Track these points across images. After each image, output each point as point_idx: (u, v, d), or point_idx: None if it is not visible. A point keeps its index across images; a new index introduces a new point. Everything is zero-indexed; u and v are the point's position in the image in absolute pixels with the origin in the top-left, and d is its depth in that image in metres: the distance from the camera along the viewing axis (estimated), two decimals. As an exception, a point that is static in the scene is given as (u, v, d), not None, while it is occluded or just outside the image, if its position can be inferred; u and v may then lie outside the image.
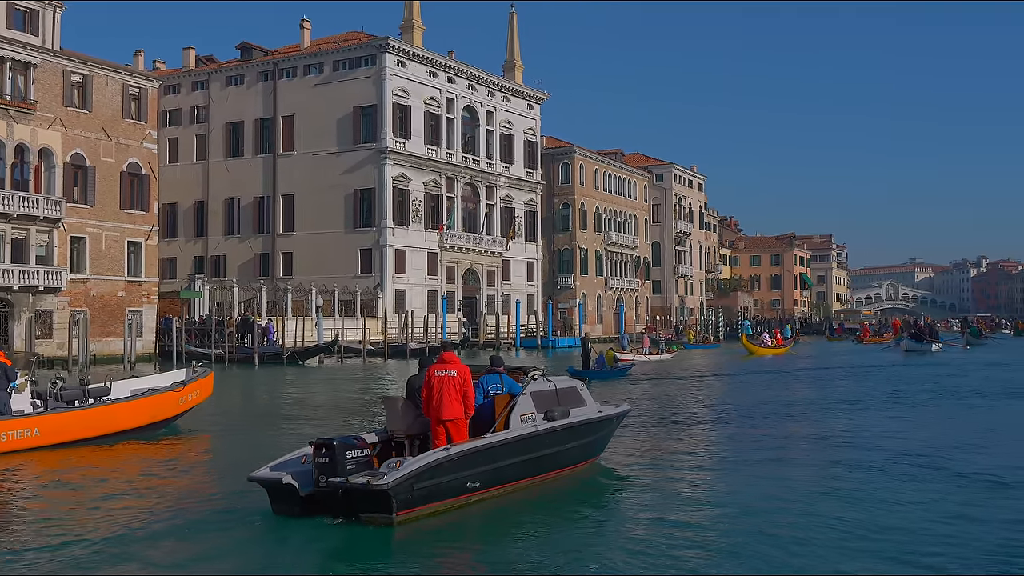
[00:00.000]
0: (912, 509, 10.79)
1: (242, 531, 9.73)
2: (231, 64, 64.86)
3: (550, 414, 11.58)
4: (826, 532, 9.63)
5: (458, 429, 10.65)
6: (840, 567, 8.42)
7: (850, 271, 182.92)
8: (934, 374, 34.76)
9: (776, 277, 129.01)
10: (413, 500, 9.61)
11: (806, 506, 10.84)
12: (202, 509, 10.72)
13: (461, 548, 9.29)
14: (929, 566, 8.50)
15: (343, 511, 9.72)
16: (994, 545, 9.19)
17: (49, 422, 15.30)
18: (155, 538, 9.46)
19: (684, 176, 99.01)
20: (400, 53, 59.18)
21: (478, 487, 10.43)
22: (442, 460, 9.86)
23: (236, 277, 57.00)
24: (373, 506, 9.45)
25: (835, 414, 21.03)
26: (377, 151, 58.11)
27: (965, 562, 8.63)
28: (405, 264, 59.13)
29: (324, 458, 9.86)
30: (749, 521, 10.04)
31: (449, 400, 10.59)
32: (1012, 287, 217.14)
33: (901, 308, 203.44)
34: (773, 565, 8.43)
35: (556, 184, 78.01)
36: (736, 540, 9.27)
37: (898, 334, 66.42)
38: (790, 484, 12.27)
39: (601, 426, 12.91)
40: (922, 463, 13.91)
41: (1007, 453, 15.19)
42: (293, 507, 9.97)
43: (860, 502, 11.08)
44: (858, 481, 12.46)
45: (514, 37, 73.00)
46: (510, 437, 10.89)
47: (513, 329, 63.34)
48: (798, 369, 39.17)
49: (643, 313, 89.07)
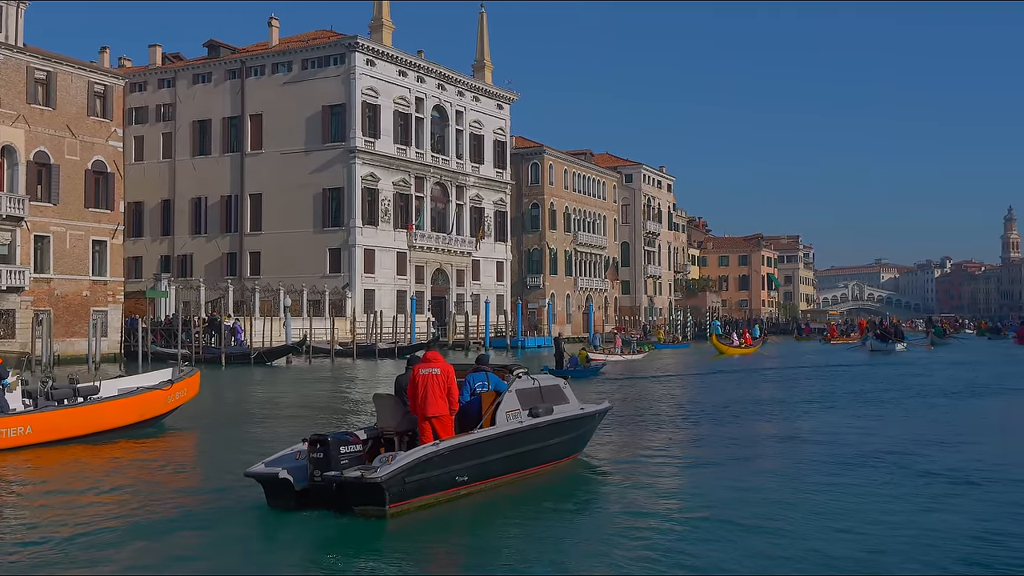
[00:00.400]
0: (879, 507, 10.89)
1: (240, 524, 10.01)
2: (198, 62, 64.32)
3: (534, 411, 11.94)
4: (797, 530, 9.73)
5: (443, 425, 11.00)
6: (811, 565, 8.49)
7: (817, 272, 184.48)
8: (899, 373, 35.11)
9: (744, 277, 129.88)
10: (405, 493, 9.96)
11: (777, 504, 10.95)
12: (198, 504, 10.99)
13: (450, 539, 9.69)
14: (896, 563, 8.57)
15: (337, 504, 10.05)
16: (960, 542, 9.29)
17: (42, 420, 15.56)
18: (154, 532, 9.67)
19: (653, 177, 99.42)
20: (369, 52, 58.94)
21: (466, 481, 10.79)
22: (432, 455, 10.23)
23: (203, 277, 56.51)
24: (366, 499, 9.79)
25: (803, 413, 21.22)
26: (346, 150, 57.85)
27: (932, 559, 8.71)
28: (374, 264, 58.91)
29: (319, 453, 10.22)
30: (722, 518, 10.18)
31: (434, 397, 10.96)
32: (975, 288, 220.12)
33: (867, 308, 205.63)
34: (747, 561, 8.54)
35: (526, 184, 78.05)
36: (710, 537, 9.41)
37: (864, 334, 67.15)
38: (761, 482, 12.44)
39: (583, 423, 13.32)
40: (889, 461, 14.05)
41: (971, 451, 15.35)
42: (288, 501, 10.32)
43: (829, 500, 11.20)
44: (827, 480, 12.58)
45: (484, 37, 72.98)
46: (496, 433, 11.28)
47: (482, 329, 63.29)
48: (767, 368, 39.47)
49: (612, 313, 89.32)
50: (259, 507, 10.52)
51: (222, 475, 12.78)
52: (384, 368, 40.62)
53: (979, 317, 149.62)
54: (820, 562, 8.60)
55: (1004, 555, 8.87)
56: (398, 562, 8.77)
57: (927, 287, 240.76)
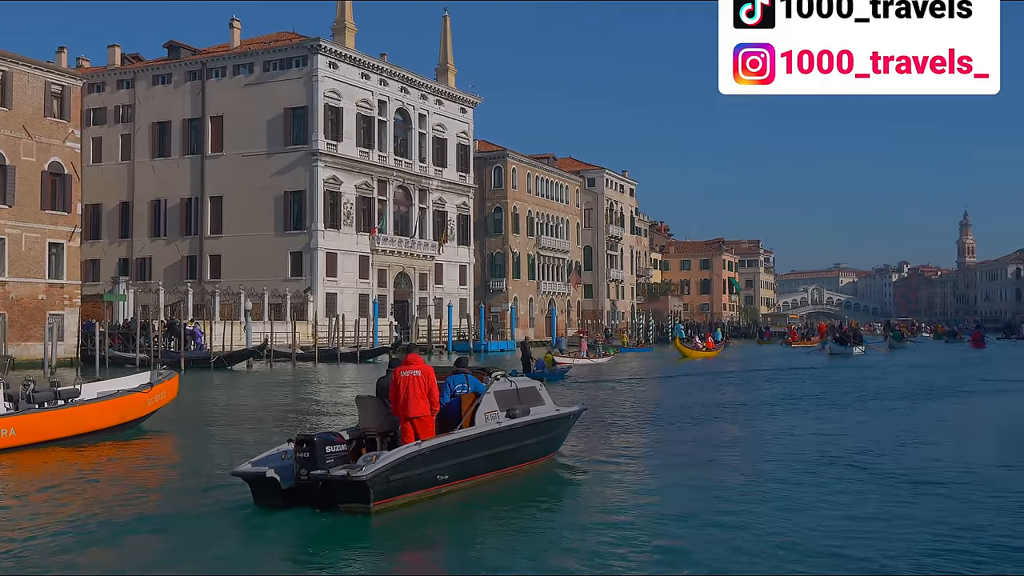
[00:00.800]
0: (839, 508, 11.02)
1: (227, 523, 10.30)
2: (158, 63, 63.63)
3: (512, 412, 12.38)
4: (759, 528, 9.84)
5: (424, 426, 11.39)
6: (772, 563, 8.59)
7: (777, 276, 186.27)
8: (859, 376, 35.49)
9: (705, 281, 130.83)
10: (389, 491, 10.35)
11: (740, 505, 11.10)
12: (185, 503, 11.28)
13: (432, 535, 10.15)
14: (856, 563, 8.67)
15: (322, 502, 10.40)
16: (919, 542, 9.41)
17: (25, 422, 15.72)
18: (142, 531, 9.95)
19: (615, 181, 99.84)
20: (332, 54, 58.65)
21: (447, 479, 11.16)
22: (414, 454, 10.63)
23: (162, 280, 55.86)
24: (352, 496, 10.17)
25: (766, 415, 21.42)
26: (308, 153, 57.50)
27: (890, 559, 8.80)
28: (336, 267, 58.59)
29: (305, 453, 10.52)
30: (687, 516, 10.45)
31: (415, 399, 11.35)
32: (932, 292, 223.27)
33: (826, 312, 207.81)
34: (713, 557, 8.77)
35: (489, 188, 78.04)
36: (676, 534, 9.73)
37: (824, 338, 67.81)
38: (725, 482, 12.67)
39: (558, 423, 13.77)
40: (849, 463, 14.20)
41: (928, 452, 15.56)
42: (275, 500, 10.62)
43: (790, 502, 11.32)
44: (788, 481, 12.72)
45: (447, 40, 72.91)
46: (476, 433, 11.70)
47: (445, 333, 63.17)
48: (730, 372, 39.77)
49: (575, 317, 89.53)
50: (246, 506, 10.77)
51: (207, 475, 13.07)
52: (346, 372, 40.38)
53: (936, 321, 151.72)
54: (782, 561, 8.70)
55: (961, 554, 8.98)
56: (383, 558, 9.20)
57: (885, 291, 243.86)
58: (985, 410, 24.34)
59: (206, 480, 12.73)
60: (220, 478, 12.13)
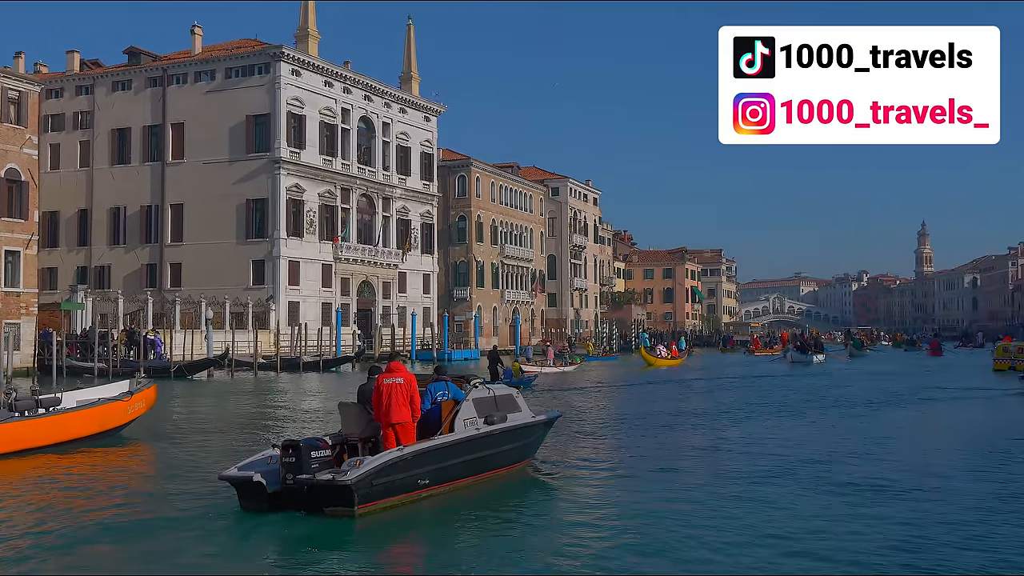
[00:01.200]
0: (799, 513, 11.10)
1: (215, 526, 10.55)
2: (118, 69, 62.93)
3: (490, 418, 12.73)
4: (721, 535, 9.96)
5: (406, 432, 11.69)
6: (732, 567, 8.72)
7: (739, 285, 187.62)
8: (819, 384, 35.88)
9: (668, 290, 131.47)
10: (372, 495, 10.68)
11: (703, 510, 11.24)
12: (172, 507, 11.57)
13: (413, 538, 10.59)
14: (815, 567, 8.76)
15: (308, 506, 10.69)
16: (876, 549, 9.53)
17: (7, 430, 15.85)
18: (130, 535, 10.22)
19: (579, 190, 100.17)
20: (295, 62, 58.35)
21: (427, 484, 11.54)
22: (397, 459, 10.99)
23: (121, 288, 55.18)
24: (337, 500, 10.48)
25: (730, 423, 21.61)
26: (270, 161, 57.12)
27: (848, 565, 8.90)
28: (299, 276, 58.19)
29: (291, 457, 10.80)
30: (653, 521, 10.76)
31: (397, 405, 11.63)
32: (891, 301, 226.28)
33: (787, 321, 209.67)
34: (680, 561, 9.15)
35: (453, 197, 77.97)
36: (641, 537, 10.07)
37: (786, 346, 68.47)
38: (688, 487, 12.91)
39: (534, 430, 14.17)
40: (806, 471, 14.35)
41: (886, 460, 15.73)
42: (261, 503, 10.87)
43: (751, 508, 11.43)
44: (748, 488, 12.83)
45: (411, 49, 72.82)
46: (455, 439, 12.08)
47: (409, 342, 62.94)
48: (695, 380, 40.07)
49: (539, 326, 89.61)
50: (232, 509, 11.07)
51: (190, 480, 13.46)
52: (309, 382, 40.07)
53: (894, 329, 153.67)
54: (743, 565, 8.83)
55: (918, 560, 9.11)
56: (366, 560, 9.59)
57: (845, 300, 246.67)
58: (942, 418, 24.64)
59: (190, 485, 13.04)
60: (203, 483, 12.62)
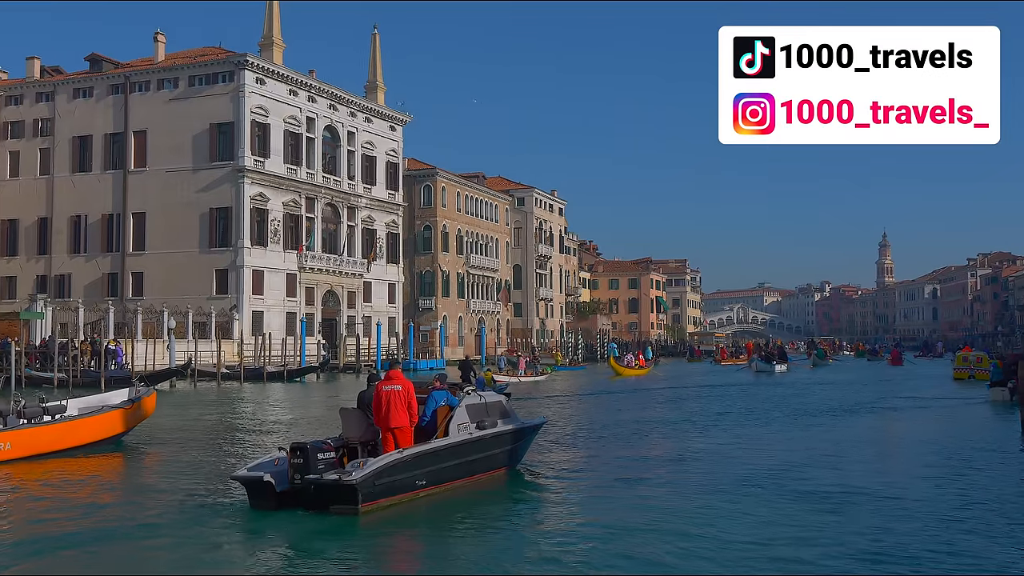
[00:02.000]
0: (760, 520, 11.22)
1: (226, 524, 11.08)
2: (79, 76, 62.29)
3: (481, 424, 13.47)
4: (683, 540, 10.09)
5: (404, 435, 12.38)
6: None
7: (704, 295, 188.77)
8: (785, 393, 36.26)
9: (633, 300, 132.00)
10: (374, 494, 11.36)
11: (678, 517, 11.37)
12: (185, 507, 12.10)
13: (412, 534, 11.12)
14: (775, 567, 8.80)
15: (314, 504, 11.35)
16: (835, 556, 9.66)
17: (20, 436, 16.47)
18: (146, 534, 10.65)
19: (545, 200, 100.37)
20: (259, 70, 58.03)
21: (424, 484, 12.24)
22: (397, 461, 11.73)
23: (82, 297, 54.52)
24: (342, 499, 11.16)
25: (695, 432, 21.87)
26: (234, 169, 56.72)
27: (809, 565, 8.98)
28: (263, 285, 57.78)
29: (299, 459, 11.52)
30: (627, 528, 10.93)
31: (396, 411, 12.30)
32: (852, 311, 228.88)
33: (751, 331, 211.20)
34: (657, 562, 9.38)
35: (418, 206, 77.84)
36: (615, 544, 10.20)
37: (751, 356, 69.03)
38: (665, 496, 13.05)
39: (522, 435, 14.91)
40: (767, 479, 14.51)
41: (852, 468, 15.92)
42: (270, 502, 11.54)
43: (716, 516, 11.54)
44: (714, 497, 12.92)
45: (377, 58, 72.70)
46: (450, 443, 12.83)
47: (374, 352, 62.65)
48: (664, 389, 40.47)
49: (504, 336, 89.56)
50: (242, 508, 11.71)
51: (198, 482, 14.19)
52: (273, 391, 39.75)
53: (856, 339, 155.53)
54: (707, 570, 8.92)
55: (878, 569, 9.21)
56: (369, 554, 10.22)
57: (807, 310, 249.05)
58: (904, 426, 24.89)
59: (200, 486, 13.80)
60: (213, 484, 13.61)
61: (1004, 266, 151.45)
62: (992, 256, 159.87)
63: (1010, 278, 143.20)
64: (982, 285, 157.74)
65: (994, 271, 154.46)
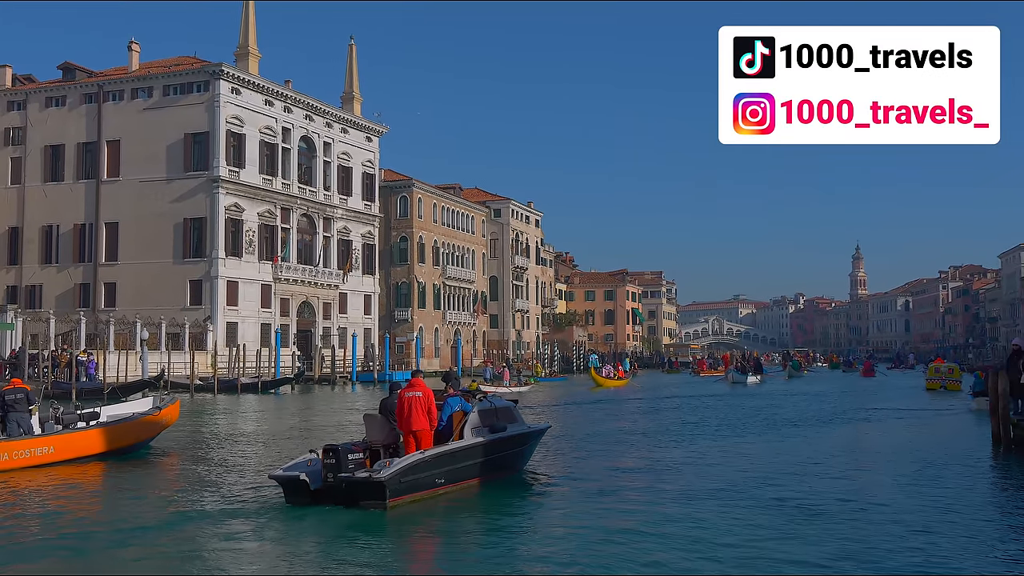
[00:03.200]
0: (732, 531, 11.24)
1: (268, 518, 12.20)
2: (52, 84, 61.77)
3: (493, 427, 14.61)
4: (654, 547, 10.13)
5: (425, 438, 13.48)
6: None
7: (679, 307, 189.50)
8: (761, 404, 36.63)
9: (609, 312, 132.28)
10: (400, 490, 12.48)
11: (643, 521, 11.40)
12: (227, 503, 13.30)
13: (434, 527, 12.14)
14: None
15: (346, 501, 12.45)
16: (819, 559, 9.66)
17: (62, 441, 17.83)
18: (196, 527, 11.75)
19: (521, 212, 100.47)
20: (234, 80, 57.77)
21: (442, 483, 13.35)
22: (419, 460, 12.92)
23: (53, 308, 53.90)
24: (371, 495, 12.31)
25: (679, 441, 22.20)
26: (209, 179, 56.36)
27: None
28: (237, 296, 57.38)
29: (331, 459, 12.66)
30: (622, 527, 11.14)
31: (417, 415, 13.42)
32: (826, 323, 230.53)
33: (726, 343, 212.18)
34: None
35: (394, 217, 77.70)
36: (603, 547, 10.41)
37: (728, 367, 69.68)
38: (656, 503, 13.21)
39: (529, 438, 16.09)
40: (757, 488, 14.57)
41: (817, 480, 15.97)
42: (305, 499, 12.69)
43: (689, 526, 11.57)
44: (690, 506, 12.97)
45: (353, 69, 72.58)
46: (465, 445, 13.95)
47: (350, 363, 62.36)
48: (645, 399, 41.07)
49: (480, 347, 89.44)
50: (279, 505, 12.82)
51: (235, 482, 15.46)
52: (246, 403, 39.41)
53: (830, 351, 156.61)
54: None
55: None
56: (397, 543, 11.32)
57: (782, 322, 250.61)
58: (880, 435, 25.07)
59: (234, 485, 15.07)
60: (246, 484, 15.03)
61: (975, 279, 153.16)
62: (963, 269, 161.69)
63: (981, 291, 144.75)
64: (953, 297, 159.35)
65: (965, 283, 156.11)
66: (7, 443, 17.01)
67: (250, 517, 12.26)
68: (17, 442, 17.10)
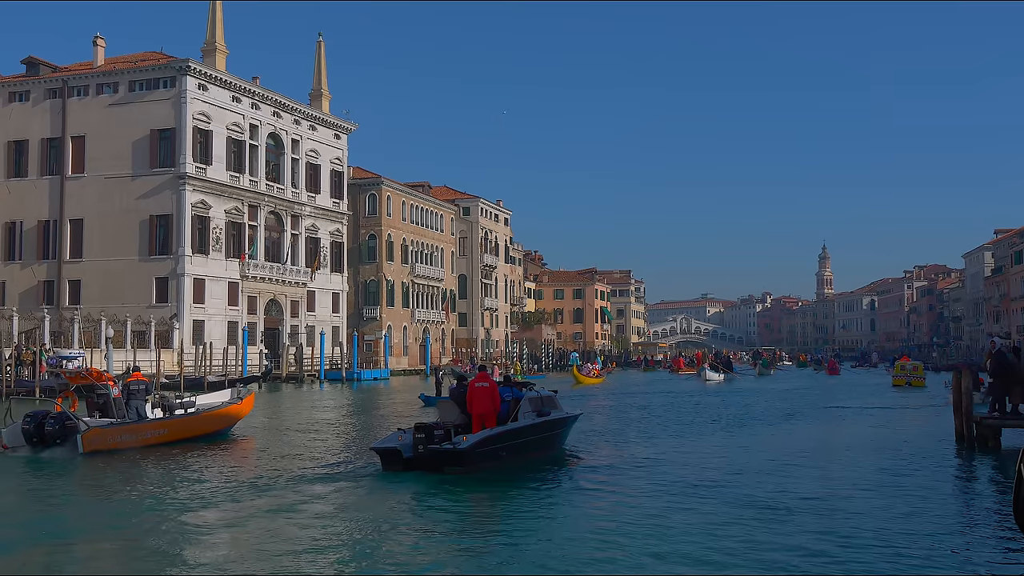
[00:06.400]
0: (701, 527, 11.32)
1: (372, 482, 15.04)
2: (15, 79, 60.88)
3: (540, 412, 17.86)
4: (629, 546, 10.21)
5: (490, 419, 16.91)
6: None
7: (647, 305, 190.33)
8: (732, 401, 37.47)
9: (578, 310, 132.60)
10: (475, 459, 15.59)
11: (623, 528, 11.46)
12: (333, 471, 16.34)
13: (500, 484, 14.93)
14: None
15: (433, 467, 15.47)
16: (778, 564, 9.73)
17: (174, 424, 21.13)
18: (314, 489, 14.36)
19: (490, 210, 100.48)
20: (201, 76, 57.26)
21: (504, 455, 16.32)
22: (488, 436, 16.17)
23: (16, 306, 53.20)
24: (455, 462, 15.45)
25: (666, 438, 22.61)
26: (175, 176, 55.85)
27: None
28: (204, 294, 56.91)
29: (422, 435, 15.76)
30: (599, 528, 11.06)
31: (484, 401, 16.95)
32: (793, 322, 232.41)
33: (694, 341, 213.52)
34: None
35: (363, 215, 77.44)
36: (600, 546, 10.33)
37: (701, 365, 71.04)
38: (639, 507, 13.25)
39: (568, 422, 19.42)
40: (714, 485, 14.72)
41: (788, 477, 16.13)
42: (399, 466, 15.72)
43: (663, 524, 11.64)
44: (659, 504, 13.07)
45: (321, 66, 72.20)
46: (520, 425, 17.11)
47: (318, 361, 62.07)
48: (626, 394, 42.21)
49: (449, 345, 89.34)
50: (376, 472, 15.83)
51: (325, 456, 18.69)
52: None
53: (796, 349, 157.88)
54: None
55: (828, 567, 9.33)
56: (474, 499, 13.96)
57: (749, 321, 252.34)
58: (850, 430, 25.39)
59: (331, 458, 18.23)
60: (342, 455, 18.88)
61: (939, 278, 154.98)
62: (928, 268, 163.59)
63: (945, 290, 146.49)
64: (918, 297, 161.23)
65: (930, 283, 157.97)
66: (138, 426, 20.23)
67: (356, 480, 15.18)
68: (146, 424, 20.44)
